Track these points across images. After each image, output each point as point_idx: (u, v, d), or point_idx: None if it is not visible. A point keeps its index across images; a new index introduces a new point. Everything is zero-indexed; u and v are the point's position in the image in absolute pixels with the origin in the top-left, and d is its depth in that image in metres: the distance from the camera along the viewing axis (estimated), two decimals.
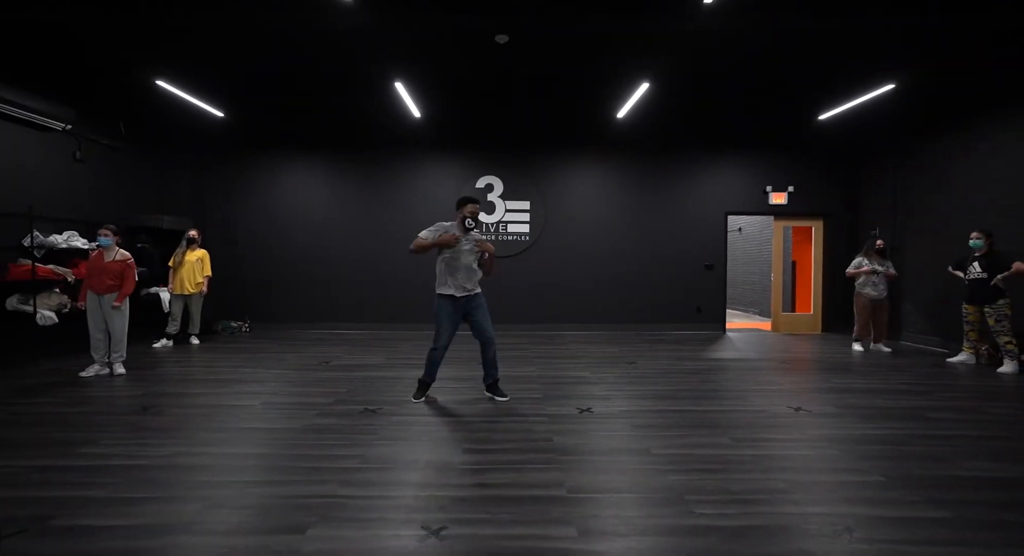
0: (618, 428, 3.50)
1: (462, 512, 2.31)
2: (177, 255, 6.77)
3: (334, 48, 5.27)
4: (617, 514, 2.30)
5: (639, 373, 5.25)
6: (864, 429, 3.48)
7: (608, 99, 6.65)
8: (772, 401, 4.19)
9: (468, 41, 4.98)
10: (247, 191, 8.38)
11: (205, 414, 3.75)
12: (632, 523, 2.23)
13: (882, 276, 6.44)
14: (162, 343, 6.62)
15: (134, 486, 2.53)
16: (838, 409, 3.95)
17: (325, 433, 3.36)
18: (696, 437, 3.31)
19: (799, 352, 6.68)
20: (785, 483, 2.61)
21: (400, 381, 4.83)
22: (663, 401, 4.18)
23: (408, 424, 3.57)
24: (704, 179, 8.44)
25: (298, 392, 4.43)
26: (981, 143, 6.25)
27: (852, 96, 6.22)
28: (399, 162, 8.33)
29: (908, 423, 3.60)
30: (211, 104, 6.82)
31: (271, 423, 3.56)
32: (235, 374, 5.08)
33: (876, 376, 5.14)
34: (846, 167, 8.44)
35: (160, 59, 5.60)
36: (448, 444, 3.17)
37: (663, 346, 6.96)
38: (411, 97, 6.46)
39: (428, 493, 2.50)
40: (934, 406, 4.03)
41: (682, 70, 5.71)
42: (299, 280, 8.34)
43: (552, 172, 8.34)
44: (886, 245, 6.73)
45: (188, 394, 4.31)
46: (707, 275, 8.42)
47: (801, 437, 3.33)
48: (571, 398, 4.24)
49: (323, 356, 6.07)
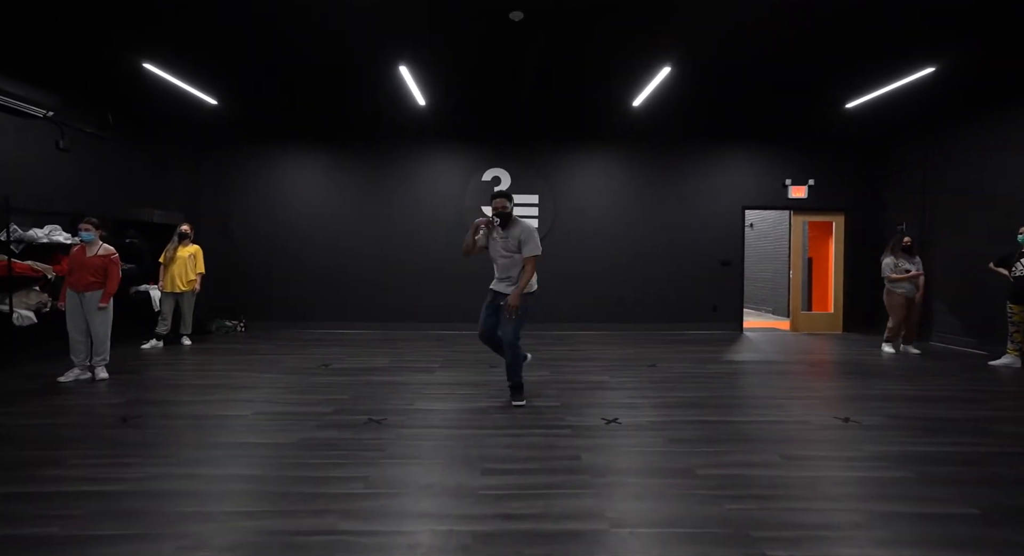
0: (651, 442, 3.14)
1: (488, 551, 1.94)
2: (168, 251, 6.39)
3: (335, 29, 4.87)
4: (673, 554, 1.94)
5: (661, 377, 4.89)
6: (928, 445, 3.11)
7: (625, 86, 6.24)
8: (814, 410, 3.82)
9: (480, 18, 4.58)
10: (244, 183, 7.99)
11: (190, 426, 3.37)
12: None
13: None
14: (151, 344, 6.24)
15: (98, 520, 2.15)
16: (891, 420, 3.58)
17: (324, 449, 2.98)
18: (741, 454, 2.95)
19: (825, 353, 6.32)
20: (861, 515, 2.24)
21: (406, 386, 4.46)
22: (694, 410, 3.81)
23: (417, 438, 3.20)
24: (720, 171, 8.07)
25: (295, 400, 4.05)
26: (1007, 132, 5.88)
27: (887, 81, 5.82)
28: (403, 154, 7.94)
29: (975, 438, 3.23)
30: (204, 91, 6.41)
31: (263, 436, 3.19)
32: (227, 379, 4.71)
33: (918, 381, 4.77)
34: (870, 159, 8.07)
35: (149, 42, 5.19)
36: (464, 463, 2.80)
37: (680, 347, 6.59)
38: (416, 84, 6.05)
39: (446, 527, 2.12)
40: (996, 417, 3.67)
41: (707, 52, 5.31)
42: (298, 277, 7.96)
43: (561, 164, 7.96)
44: (914, 241, 6.35)
45: (173, 402, 3.93)
46: (723, 272, 8.04)
47: (859, 455, 2.96)
48: (593, 406, 3.87)
49: (323, 358, 5.70)
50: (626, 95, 6.54)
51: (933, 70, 5.42)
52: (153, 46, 5.26)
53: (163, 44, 5.24)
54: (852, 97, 6.46)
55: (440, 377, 4.86)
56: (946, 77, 5.69)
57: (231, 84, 6.29)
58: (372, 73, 5.87)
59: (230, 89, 6.42)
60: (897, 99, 6.39)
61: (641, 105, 6.83)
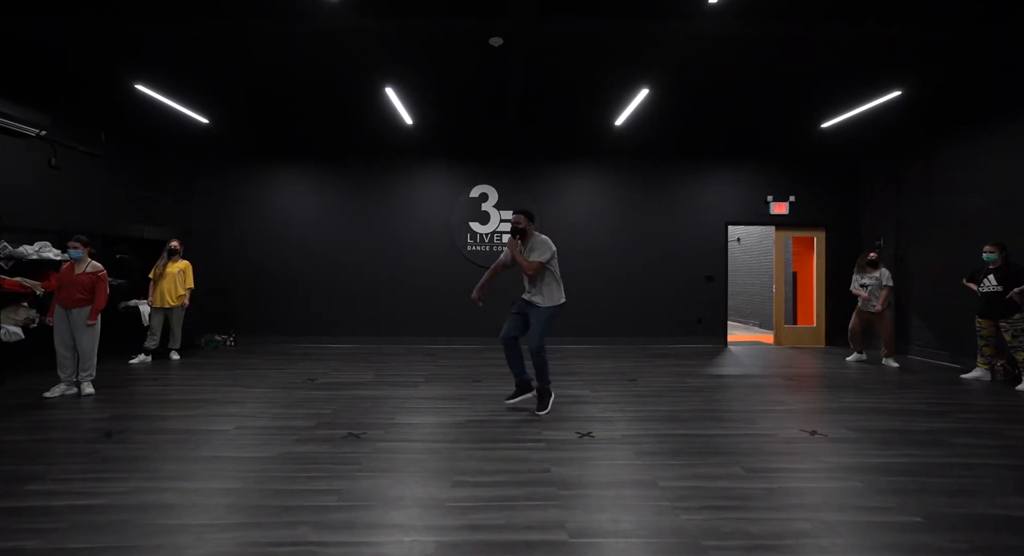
0: (621, 455, 3.24)
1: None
2: (158, 266, 6.48)
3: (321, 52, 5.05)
4: None
5: (640, 391, 5.00)
6: (885, 456, 3.23)
7: (606, 105, 6.45)
8: (783, 423, 3.94)
9: (461, 44, 4.77)
10: (234, 200, 8.12)
11: (173, 440, 3.46)
12: None
13: (871, 288, 6.35)
14: (140, 359, 6.31)
15: (78, 533, 2.24)
16: (854, 433, 3.70)
17: (301, 463, 3.07)
18: (706, 467, 3.05)
19: (805, 367, 6.45)
20: (810, 524, 2.35)
21: (389, 401, 4.55)
22: (667, 424, 3.92)
23: (394, 451, 3.29)
24: (704, 188, 8.26)
25: (278, 414, 4.14)
26: (985, 153, 6.09)
27: (857, 103, 6.05)
28: (390, 171, 8.10)
29: (930, 449, 3.35)
30: (195, 110, 6.58)
31: (244, 451, 3.27)
32: (212, 394, 4.78)
33: (889, 394, 4.90)
34: (849, 176, 8.28)
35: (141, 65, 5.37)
36: (436, 476, 2.90)
37: (664, 361, 6.71)
38: (402, 103, 6.24)
39: (412, 537, 2.22)
40: (954, 429, 3.79)
41: (682, 76, 5.52)
42: (288, 292, 8.06)
43: (548, 181, 8.13)
44: (890, 255, 6.58)
45: (157, 417, 4.01)
46: (707, 287, 8.19)
47: (819, 466, 3.08)
48: (570, 420, 3.97)
49: (309, 373, 5.78)
50: (608, 115, 6.76)
51: (900, 93, 5.64)
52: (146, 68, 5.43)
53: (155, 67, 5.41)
54: (826, 118, 6.69)
55: (423, 391, 4.96)
56: (913, 100, 5.93)
57: (222, 104, 6.46)
58: (359, 94, 6.05)
59: (221, 109, 6.59)
60: (870, 120, 6.62)
61: (625, 125, 7.05)
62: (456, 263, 8.03)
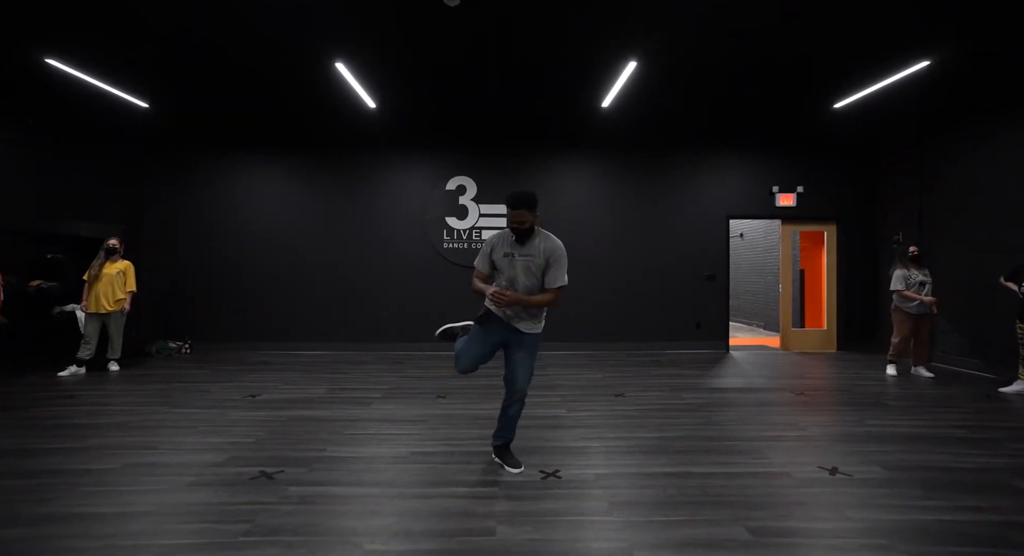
0: (589, 508, 2.53)
1: None
2: (93, 267, 5.80)
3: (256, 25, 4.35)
4: None
5: (627, 410, 4.28)
6: (932, 511, 2.50)
7: (591, 84, 5.72)
8: (797, 457, 3.22)
9: (411, 5, 4.05)
10: (190, 195, 7.44)
11: (29, 487, 2.76)
12: None
13: (928, 289, 5.53)
14: (70, 371, 5.63)
15: None
16: (886, 471, 2.98)
17: (177, 520, 2.38)
18: (699, 526, 2.34)
19: (818, 377, 5.72)
20: None
21: (329, 424, 3.86)
22: (654, 457, 3.21)
23: (306, 500, 2.59)
24: (703, 178, 7.52)
25: (189, 443, 3.45)
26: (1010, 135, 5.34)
27: (878, 77, 5.29)
28: (359, 161, 7.40)
29: (990, 500, 2.62)
30: (131, 93, 5.89)
31: (109, 502, 2.57)
32: (127, 416, 4.09)
33: (922, 414, 4.17)
34: (862, 165, 7.53)
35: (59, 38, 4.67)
36: (346, 540, 2.20)
37: (657, 370, 5.99)
38: (359, 83, 5.52)
39: None
40: (1013, 466, 3.06)
41: (676, 45, 4.78)
42: (247, 294, 7.37)
43: (532, 172, 7.40)
44: (920, 252, 5.78)
45: (33, 451, 3.30)
46: (707, 287, 7.46)
47: (846, 526, 2.36)
48: (535, 452, 3.26)
49: (256, 387, 5.10)
50: (595, 96, 6.02)
51: (927, 64, 4.89)
52: (63, 43, 4.74)
53: (74, 42, 4.71)
54: (841, 96, 5.93)
55: (375, 411, 4.26)
56: (941, 73, 5.17)
57: (158, 86, 5.77)
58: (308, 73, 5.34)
59: (159, 92, 5.90)
60: (888, 98, 5.87)
61: (616, 107, 6.32)
62: (431, 262, 7.33)
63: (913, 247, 5.75)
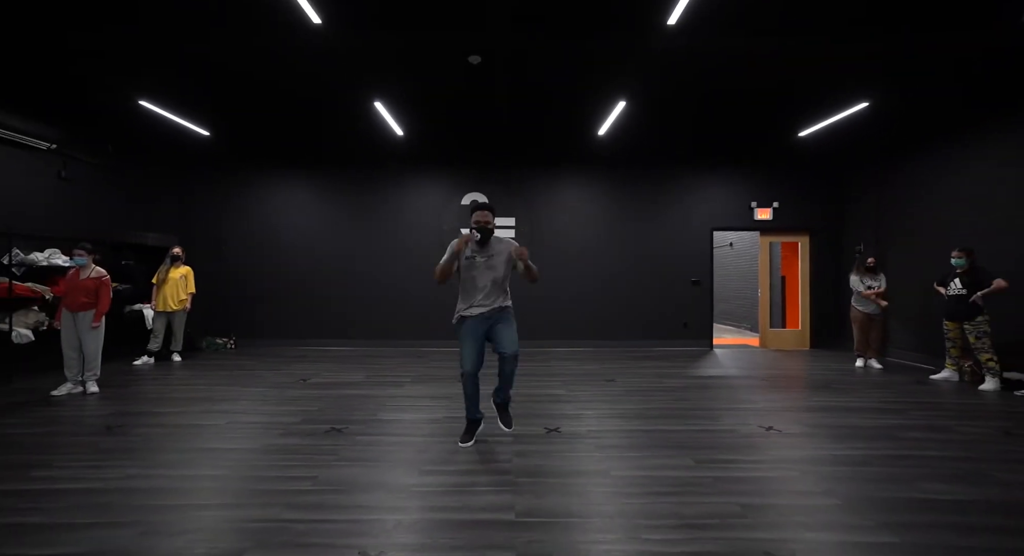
0: (582, 449, 3.46)
1: (404, 537, 2.27)
2: (161, 272, 6.79)
3: (309, 69, 5.34)
4: (559, 539, 2.26)
5: (615, 391, 5.21)
6: (831, 450, 3.43)
7: (588, 116, 6.70)
8: (744, 420, 4.14)
9: (441, 62, 5.04)
10: (233, 208, 8.44)
11: (168, 434, 3.72)
12: (574, 549, 2.18)
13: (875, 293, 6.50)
14: (143, 360, 6.61)
15: (75, 511, 2.50)
16: (809, 428, 3.90)
17: (283, 454, 3.33)
18: (659, 459, 3.27)
19: (783, 369, 6.63)
20: (740, 507, 2.56)
21: (374, 399, 4.79)
22: (633, 420, 4.13)
23: (371, 444, 3.53)
24: (689, 195, 8.47)
25: (268, 411, 4.40)
26: (950, 162, 6.29)
27: (828, 114, 6.26)
28: (384, 179, 8.39)
29: (877, 443, 3.55)
30: (196, 123, 6.91)
31: (232, 443, 3.53)
32: (209, 392, 5.06)
33: (856, 394, 5.08)
34: (830, 183, 8.47)
35: (144, 81, 5.70)
36: (406, 466, 3.14)
37: (647, 363, 6.91)
38: (392, 116, 6.52)
39: (374, 517, 2.46)
40: (907, 425, 3.98)
41: (655, 89, 5.76)
42: (285, 297, 8.34)
43: (537, 188, 8.38)
44: (876, 261, 6.74)
45: (156, 413, 4.28)
46: (694, 291, 8.39)
47: (765, 458, 3.28)
48: (540, 417, 4.20)
49: (303, 373, 6.05)
50: (592, 125, 7.01)
51: (867, 105, 5.85)
52: (149, 85, 5.75)
53: (157, 83, 5.73)
54: (802, 127, 6.89)
55: (408, 391, 5.20)
56: (882, 111, 6.13)
57: (220, 117, 6.78)
58: (350, 107, 6.35)
59: (219, 121, 6.91)
60: (848, 128, 6.82)
61: (609, 134, 7.29)
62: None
63: (870, 258, 6.69)
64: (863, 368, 6.47)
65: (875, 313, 6.52)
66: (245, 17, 4.34)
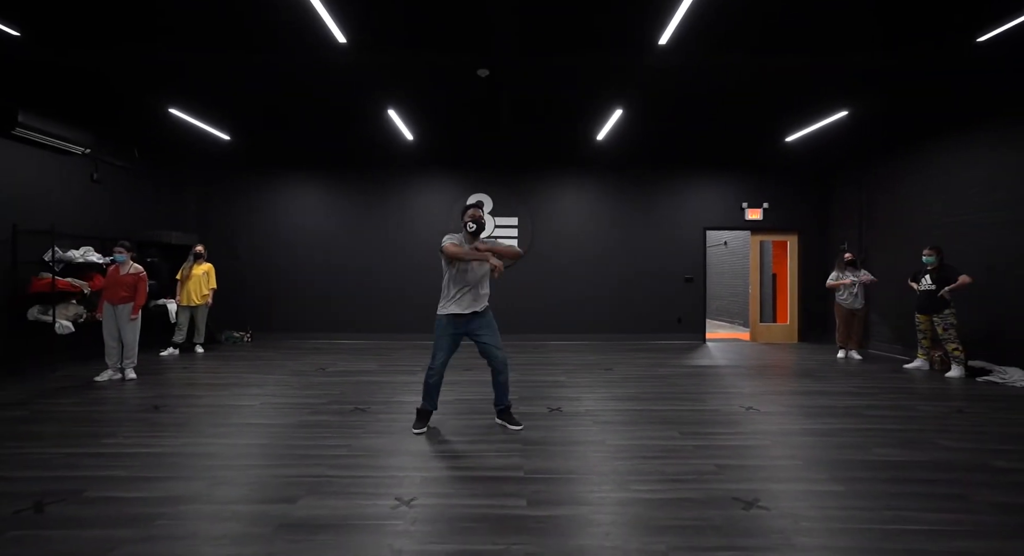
0: (580, 423, 3.90)
1: (430, 488, 2.71)
2: (185, 269, 7.22)
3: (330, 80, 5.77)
4: (562, 490, 2.70)
5: (613, 378, 5.64)
6: (802, 424, 3.87)
7: (587, 123, 7.14)
8: (728, 402, 4.57)
9: (452, 75, 5.47)
10: (250, 208, 8.87)
11: (210, 412, 4.15)
12: (573, 497, 2.62)
13: (859, 286, 6.91)
14: (168, 351, 7.04)
15: (151, 468, 2.93)
16: (785, 408, 4.34)
17: (317, 428, 3.76)
18: (649, 431, 3.70)
19: (769, 360, 7.06)
20: (716, 467, 3.00)
21: (390, 385, 5.23)
22: (628, 402, 4.57)
23: (393, 421, 3.96)
24: (683, 196, 8.91)
25: (295, 394, 4.83)
26: (934, 165, 6.72)
27: (811, 121, 6.69)
28: (394, 181, 8.82)
29: (844, 420, 3.99)
30: (218, 129, 7.33)
31: (269, 419, 3.96)
32: (237, 379, 5.49)
33: (833, 381, 5.52)
34: (818, 185, 8.91)
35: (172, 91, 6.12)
36: (426, 437, 3.57)
37: (643, 354, 7.35)
38: (403, 122, 6.95)
39: (404, 474, 2.89)
40: (873, 405, 4.42)
41: (650, 98, 6.19)
42: (299, 292, 8.78)
43: (539, 190, 8.82)
44: (856, 258, 7.17)
45: (194, 396, 4.72)
46: (687, 287, 8.83)
47: (743, 431, 3.72)
48: (544, 399, 4.63)
49: (320, 363, 6.47)
50: (591, 130, 7.43)
51: (847, 113, 6.29)
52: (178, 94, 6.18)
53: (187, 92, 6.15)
54: (789, 133, 7.33)
55: (420, 378, 5.60)
56: (863, 117, 6.56)
57: (242, 123, 7.20)
58: (365, 115, 6.77)
59: (240, 127, 7.33)
60: (833, 133, 7.26)
61: (609, 139, 7.73)
62: None
63: (848, 254, 7.13)
64: (844, 359, 6.91)
65: (856, 308, 6.94)
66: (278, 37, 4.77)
